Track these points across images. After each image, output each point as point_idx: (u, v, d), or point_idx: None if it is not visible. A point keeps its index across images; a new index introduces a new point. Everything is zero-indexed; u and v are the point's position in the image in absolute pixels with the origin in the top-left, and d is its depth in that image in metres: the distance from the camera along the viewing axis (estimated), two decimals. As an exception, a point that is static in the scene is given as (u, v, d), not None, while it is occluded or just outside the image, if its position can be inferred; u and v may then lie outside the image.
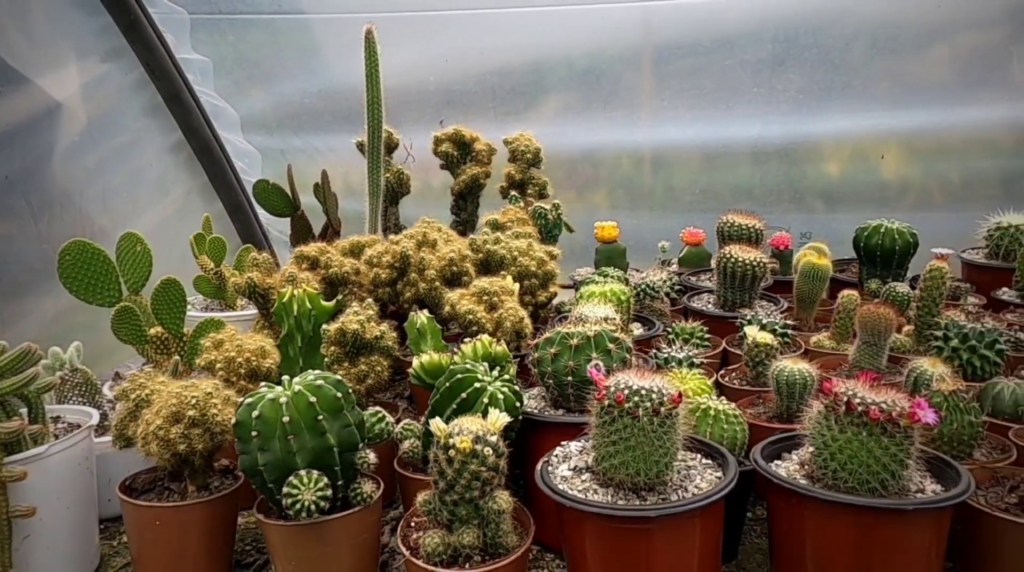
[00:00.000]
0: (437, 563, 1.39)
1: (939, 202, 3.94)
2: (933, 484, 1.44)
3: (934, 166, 3.79)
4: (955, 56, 3.56)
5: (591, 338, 1.81)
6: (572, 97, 3.88)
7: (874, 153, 3.95)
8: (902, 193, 3.96)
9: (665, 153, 3.93)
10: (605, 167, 4.03)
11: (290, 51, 3.47)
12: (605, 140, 3.95)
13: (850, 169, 3.90)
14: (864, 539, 1.34)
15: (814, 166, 3.90)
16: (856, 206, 3.93)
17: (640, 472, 1.39)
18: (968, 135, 3.67)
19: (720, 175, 3.92)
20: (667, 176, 4.00)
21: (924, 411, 1.34)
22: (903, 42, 3.55)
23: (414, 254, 2.53)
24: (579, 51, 3.77)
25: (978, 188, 3.76)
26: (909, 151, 3.81)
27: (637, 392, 1.38)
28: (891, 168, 3.92)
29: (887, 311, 2.22)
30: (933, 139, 3.71)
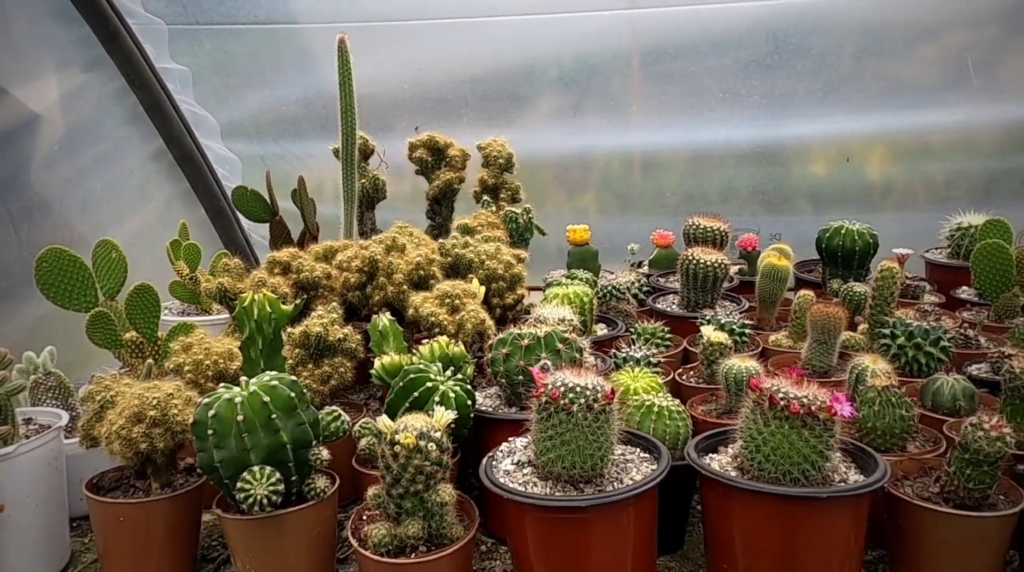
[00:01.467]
0: (383, 553, 1.46)
1: (922, 202, 4.01)
2: (856, 474, 1.52)
3: (918, 167, 3.84)
4: (942, 57, 3.61)
5: (541, 339, 1.88)
6: (561, 101, 3.93)
7: (858, 154, 4.03)
8: (886, 193, 4.04)
9: (654, 156, 3.99)
10: (595, 170, 4.08)
11: (267, 60, 3.54)
12: (595, 143, 4.00)
13: (836, 170, 3.95)
14: (786, 526, 1.41)
15: (800, 167, 3.95)
16: (841, 207, 4.00)
17: (576, 465, 1.47)
18: (953, 136, 3.73)
19: (707, 177, 3.98)
20: (656, 178, 4.05)
21: (841, 405, 1.41)
22: (890, 43, 3.61)
23: (382, 259, 2.60)
24: (569, 56, 3.82)
25: (961, 188, 3.81)
26: (894, 152, 3.86)
27: (572, 389, 1.46)
28: (876, 169, 3.98)
29: (836, 310, 2.30)
30: (918, 140, 3.77)
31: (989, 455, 1.49)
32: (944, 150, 3.77)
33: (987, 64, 3.59)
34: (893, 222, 3.62)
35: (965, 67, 3.58)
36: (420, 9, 3.61)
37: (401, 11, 3.60)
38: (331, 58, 3.05)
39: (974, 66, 3.56)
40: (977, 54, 3.56)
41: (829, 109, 3.74)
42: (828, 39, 3.63)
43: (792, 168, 3.94)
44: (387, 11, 3.59)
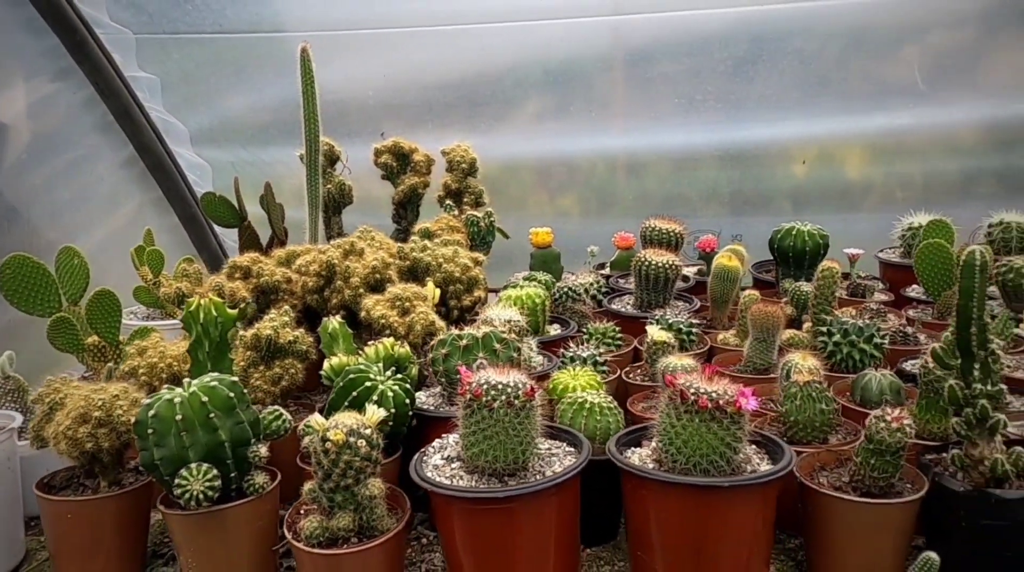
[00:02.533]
0: (315, 544, 1.53)
1: (900, 202, 4.09)
2: (769, 464, 1.59)
3: (899, 166, 3.90)
4: (923, 58, 3.67)
5: (479, 339, 1.96)
6: (545, 105, 3.98)
7: (838, 154, 4.10)
8: (865, 193, 4.11)
9: (636, 158, 4.05)
10: (578, 173, 4.13)
11: (234, 68, 3.61)
12: (578, 147, 4.05)
13: (815, 171, 4.00)
14: (695, 515, 1.49)
15: (782, 168, 4.01)
16: (820, 207, 4.08)
17: (499, 459, 1.54)
18: (933, 135, 3.79)
19: (689, 179, 4.04)
20: (638, 181, 4.11)
21: (747, 399, 1.49)
22: (873, 45, 3.68)
23: (339, 263, 2.67)
24: (553, 61, 3.87)
25: (939, 187, 3.88)
26: (873, 152, 3.92)
27: (494, 387, 1.53)
28: (855, 168, 4.06)
29: (775, 310, 2.38)
30: (900, 140, 3.83)
31: (890, 445, 1.57)
32: (923, 149, 3.84)
33: (967, 65, 3.66)
34: (871, 221, 3.64)
35: (951, 67, 3.68)
36: (411, 16, 3.68)
37: (391, 18, 3.68)
38: (296, 66, 3.13)
39: (956, 67, 3.63)
40: (957, 55, 3.63)
41: (811, 110, 3.80)
42: (812, 41, 3.69)
43: (774, 169, 4.00)
44: (367, 18, 3.68)
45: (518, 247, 3.57)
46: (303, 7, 3.46)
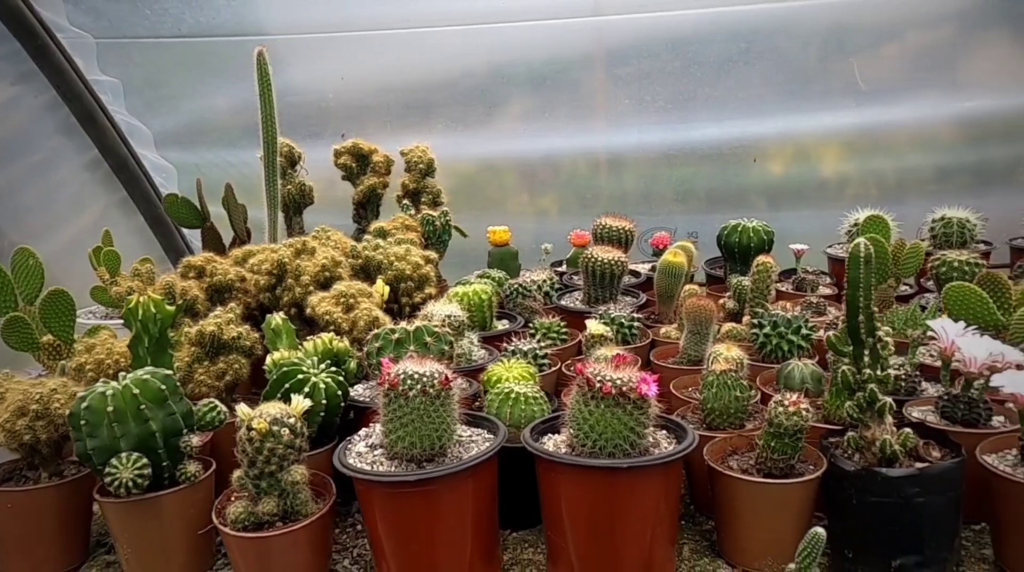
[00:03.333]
0: (240, 528, 1.61)
1: (876, 197, 4.18)
2: (676, 446, 1.68)
3: (875, 163, 3.98)
4: (903, 56, 3.76)
5: (411, 333, 2.03)
6: (529, 105, 4.04)
7: (815, 152, 4.17)
8: (841, 189, 4.20)
9: (618, 157, 4.12)
10: (560, 171, 4.19)
11: (196, 71, 3.67)
12: (560, 145, 4.11)
13: (793, 168, 4.07)
14: (599, 496, 1.57)
15: (759, 166, 4.07)
16: (796, 204, 4.17)
17: (415, 445, 1.62)
18: (909, 132, 3.87)
19: (667, 176, 4.10)
20: (618, 179, 4.18)
21: (647, 385, 1.57)
22: (854, 44, 3.75)
23: (290, 262, 2.74)
24: (537, 61, 3.94)
25: (914, 183, 3.98)
26: (850, 149, 3.99)
27: (411, 376, 1.61)
28: (832, 165, 4.13)
29: (707, 303, 2.47)
30: (876, 137, 3.91)
31: (788, 429, 1.66)
32: (898, 146, 3.93)
33: (945, 62, 3.76)
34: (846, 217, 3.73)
35: (930, 64, 3.76)
36: (398, 19, 3.75)
37: (375, 20, 3.76)
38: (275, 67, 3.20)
39: (933, 66, 3.73)
40: (934, 53, 3.73)
41: (791, 108, 3.87)
42: (792, 41, 3.76)
43: (750, 166, 4.06)
44: (336, 22, 3.75)
45: (487, 245, 3.64)
46: (263, 12, 3.53)
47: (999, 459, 1.68)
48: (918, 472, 1.55)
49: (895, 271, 2.91)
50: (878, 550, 1.59)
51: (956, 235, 3.44)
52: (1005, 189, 3.89)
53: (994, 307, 2.10)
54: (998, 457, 1.69)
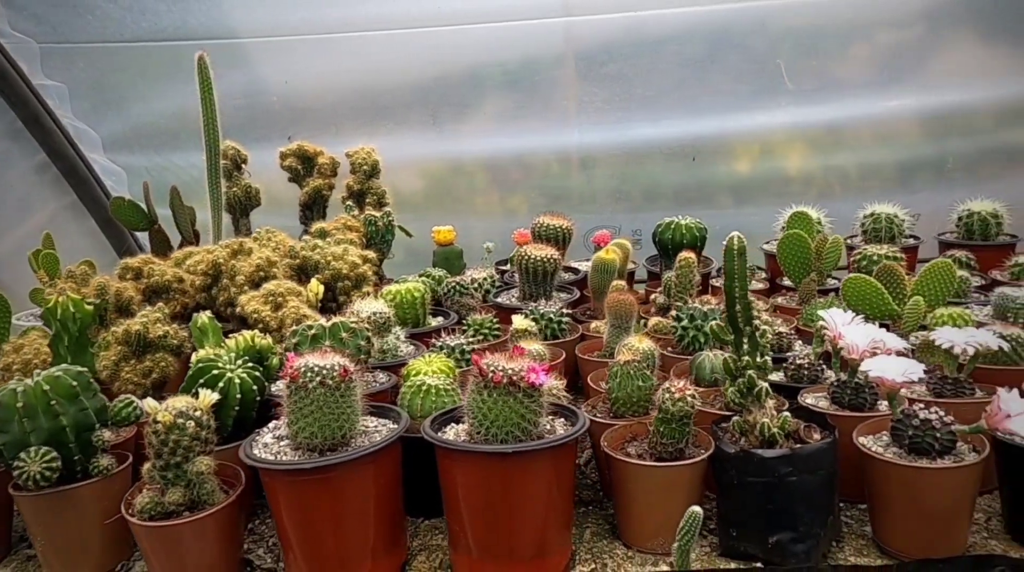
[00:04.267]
0: (147, 518, 1.67)
1: (839, 193, 4.27)
2: (564, 432, 1.75)
3: (840, 159, 4.08)
4: (872, 55, 3.86)
5: (327, 329, 2.10)
6: (501, 105, 4.10)
7: (781, 150, 4.25)
8: (807, 186, 4.29)
9: (588, 156, 4.18)
10: (532, 171, 4.25)
11: (141, 75, 3.71)
12: (532, 145, 4.17)
13: (759, 165, 4.15)
14: (491, 479, 1.64)
15: (726, 163, 4.15)
16: (762, 200, 4.25)
17: (315, 435, 1.68)
18: (875, 129, 3.97)
19: (636, 176, 4.18)
20: (588, 178, 4.23)
21: (536, 375, 1.65)
22: (824, 43, 3.84)
23: (226, 262, 2.79)
24: (511, 62, 3.99)
25: (876, 178, 4.08)
26: (815, 146, 4.08)
27: (311, 369, 1.67)
28: (798, 162, 4.22)
29: (627, 298, 2.55)
30: (843, 134, 4.01)
31: (674, 414, 1.74)
32: (864, 142, 4.03)
33: (914, 60, 3.85)
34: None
35: (891, 64, 3.85)
36: (371, 21, 3.82)
37: (349, 23, 3.83)
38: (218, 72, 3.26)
39: (902, 64, 3.83)
40: (902, 52, 3.83)
41: (761, 106, 3.95)
42: (764, 40, 3.84)
43: (717, 165, 4.15)
44: (330, 23, 3.82)
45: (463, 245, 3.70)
46: (210, 16, 3.58)
47: (874, 441, 1.78)
48: (790, 453, 1.64)
49: (818, 265, 3.01)
50: (757, 527, 1.67)
51: (885, 230, 3.56)
52: (967, 184, 4.02)
53: (889, 298, 2.20)
54: (874, 439, 1.79)
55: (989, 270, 3.34)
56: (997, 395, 1.59)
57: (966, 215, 3.53)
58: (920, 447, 1.65)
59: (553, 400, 1.96)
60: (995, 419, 1.57)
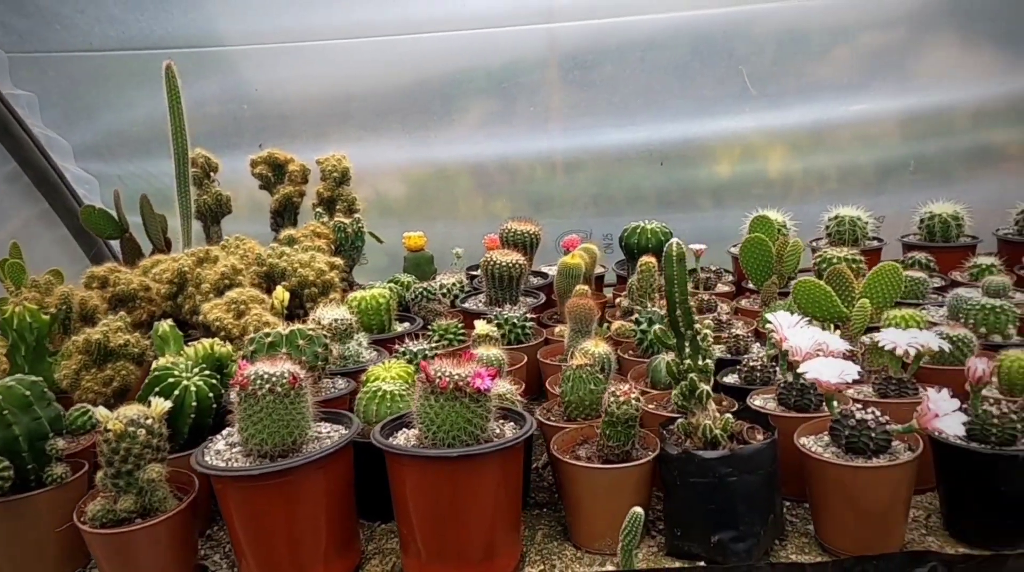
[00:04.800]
0: (98, 525, 1.69)
1: (818, 194, 4.32)
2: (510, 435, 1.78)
3: (822, 160, 4.14)
4: (855, 57, 3.92)
5: (284, 336, 2.12)
6: (485, 110, 4.15)
7: (762, 152, 4.30)
8: (788, 187, 4.34)
9: (571, 160, 4.23)
10: (517, 175, 4.29)
11: (112, 84, 3.73)
12: (515, 149, 4.21)
13: (740, 167, 4.20)
14: (438, 483, 1.67)
15: (707, 166, 4.21)
16: (743, 202, 4.28)
17: (266, 442, 1.71)
18: (857, 130, 4.03)
19: (619, 179, 4.23)
20: (571, 182, 4.27)
21: (482, 380, 1.68)
22: (807, 46, 3.91)
23: (191, 270, 2.81)
24: (494, 67, 4.04)
25: (855, 179, 4.14)
26: (797, 148, 4.14)
27: (260, 376, 1.70)
28: (779, 164, 4.27)
29: (587, 302, 2.59)
30: (825, 135, 4.07)
31: (619, 417, 1.78)
32: (845, 144, 4.08)
33: (896, 61, 3.93)
34: (790, 215, 3.83)
35: (870, 66, 3.92)
36: (356, 28, 3.88)
37: (338, 30, 3.89)
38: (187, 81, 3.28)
39: (884, 66, 3.90)
40: (884, 54, 3.90)
41: (745, 109, 4.00)
42: (747, 44, 3.90)
43: (698, 168, 4.21)
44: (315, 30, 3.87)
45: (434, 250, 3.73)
46: (178, 25, 3.60)
47: (815, 441, 1.82)
48: (730, 454, 1.68)
49: (779, 268, 3.05)
50: (700, 527, 1.71)
51: (848, 233, 3.62)
52: (943, 185, 4.09)
53: (837, 300, 2.25)
54: (815, 439, 1.83)
55: (949, 271, 3.41)
56: (927, 395, 1.63)
57: (927, 217, 3.60)
58: (856, 446, 1.70)
59: (507, 404, 2.00)
60: (925, 419, 1.61)
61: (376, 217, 4.48)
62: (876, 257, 3.68)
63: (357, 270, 3.86)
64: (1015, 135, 4.11)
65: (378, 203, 4.49)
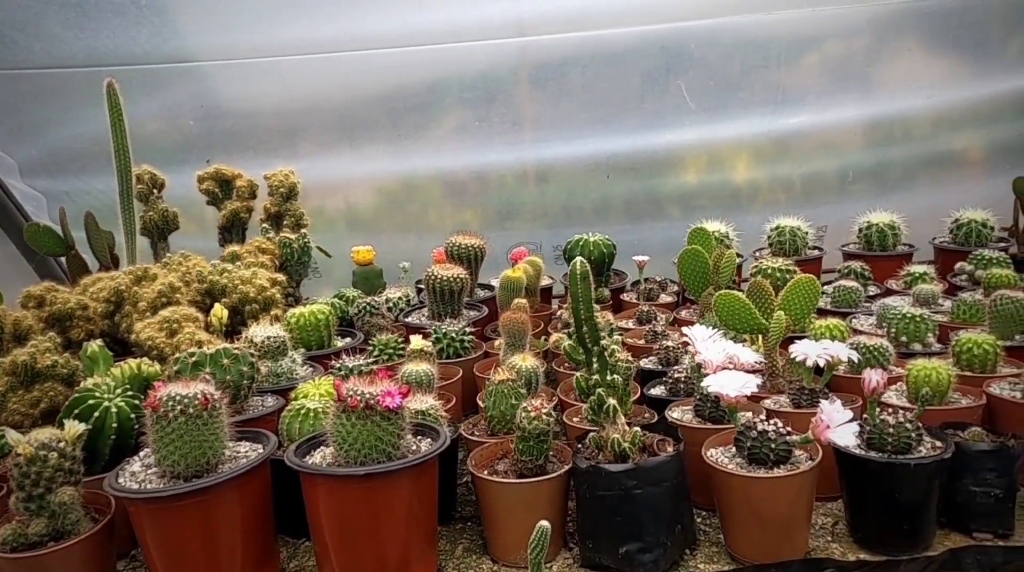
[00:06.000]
0: (9, 549, 1.69)
1: (784, 202, 4.39)
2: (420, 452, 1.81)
3: (786, 168, 4.24)
4: (822, 66, 4.03)
5: (209, 356, 2.14)
6: (459, 122, 4.20)
7: (729, 160, 4.35)
8: (753, 195, 4.40)
9: (542, 171, 4.29)
10: (488, 185, 4.33)
11: (55, 102, 3.71)
12: (487, 160, 4.25)
13: (707, 176, 4.28)
14: (348, 501, 1.70)
15: (674, 175, 4.27)
16: (710, 211, 4.34)
17: (178, 463, 1.72)
18: (820, 138, 4.14)
19: (588, 189, 4.28)
20: (540, 193, 4.33)
21: (391, 398, 1.71)
22: (775, 55, 4.00)
23: (128, 289, 2.81)
24: (468, 78, 4.10)
25: (819, 186, 4.25)
26: (762, 156, 4.23)
27: (172, 398, 1.72)
28: (744, 172, 4.33)
29: (521, 316, 2.63)
30: (790, 143, 4.18)
31: (531, 432, 1.82)
32: (808, 152, 4.19)
33: (860, 70, 4.03)
34: (756, 223, 3.88)
35: (836, 76, 4.02)
36: (332, 42, 3.91)
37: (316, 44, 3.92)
38: (128, 99, 3.29)
39: (847, 75, 4.00)
40: (852, 61, 4.02)
41: (713, 119, 4.08)
42: (716, 54, 3.98)
43: (666, 177, 4.27)
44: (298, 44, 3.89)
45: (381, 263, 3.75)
46: (119, 43, 3.60)
47: (723, 452, 1.87)
48: (634, 467, 1.72)
49: (715, 279, 3.11)
50: (609, 539, 1.75)
51: (789, 243, 3.71)
52: (904, 191, 4.20)
53: (756, 313, 2.30)
54: (723, 450, 1.88)
55: (886, 280, 3.50)
56: (821, 407, 1.69)
57: (865, 227, 3.69)
58: (757, 457, 1.75)
59: (430, 420, 2.03)
60: (818, 430, 1.67)
61: (344, 229, 4.51)
62: (817, 266, 3.77)
63: (317, 284, 3.88)
64: (974, 141, 4.23)
65: (348, 214, 4.51)
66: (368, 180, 4.41)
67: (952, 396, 2.12)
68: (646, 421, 2.12)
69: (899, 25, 4.04)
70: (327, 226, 4.47)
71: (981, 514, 1.78)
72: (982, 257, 3.30)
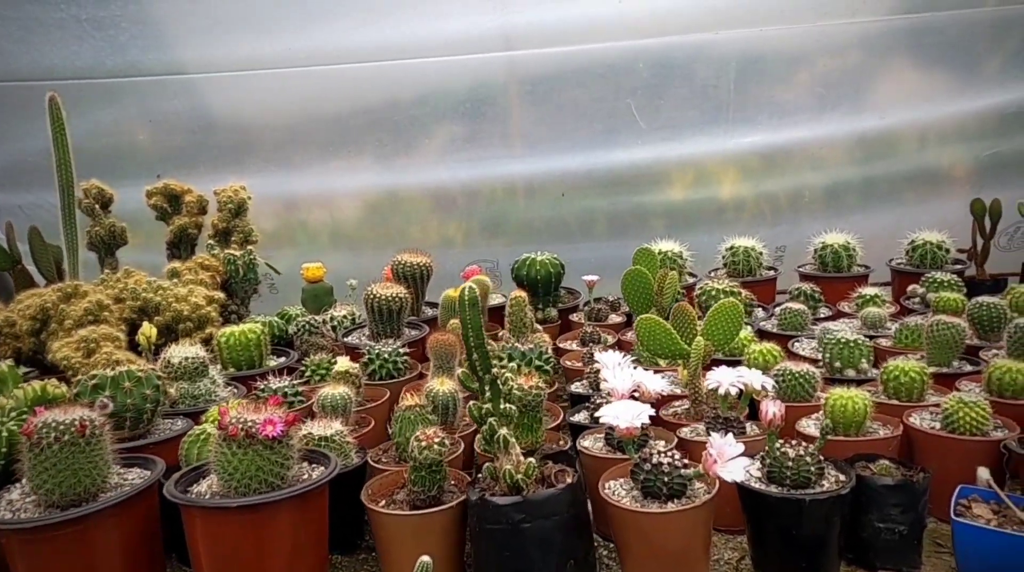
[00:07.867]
0: None
1: (769, 217, 4.35)
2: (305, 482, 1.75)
3: (772, 184, 4.22)
4: (812, 82, 4.01)
5: (111, 378, 2.09)
6: (448, 136, 4.19)
7: (716, 176, 4.31)
8: (739, 211, 4.36)
9: (530, 185, 4.26)
10: (479, 199, 4.32)
11: (8, 115, 3.69)
12: (473, 175, 4.23)
13: (693, 192, 4.25)
14: (226, 532, 1.64)
15: (659, 190, 4.24)
16: (695, 226, 4.30)
17: (54, 492, 1.67)
18: (808, 153, 4.12)
19: (573, 204, 4.26)
20: (526, 208, 4.31)
21: (272, 426, 1.66)
22: (767, 71, 4.00)
23: (54, 306, 2.77)
24: (458, 92, 4.09)
25: (806, 200, 4.20)
26: (748, 171, 4.20)
27: (48, 425, 1.67)
28: (730, 187, 4.30)
29: (449, 338, 2.58)
30: (777, 159, 4.16)
31: (422, 462, 1.76)
32: (799, 168, 4.16)
33: (850, 85, 4.01)
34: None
35: (827, 91, 4.00)
36: (322, 55, 3.92)
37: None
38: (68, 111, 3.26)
39: (838, 90, 3.99)
40: (841, 77, 4.01)
41: (700, 134, 4.07)
42: (708, 69, 3.96)
43: (651, 192, 4.24)
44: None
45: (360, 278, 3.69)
46: (63, 57, 3.59)
47: (623, 484, 1.81)
48: (522, 500, 1.66)
49: (658, 301, 3.06)
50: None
51: (743, 263, 3.66)
52: (891, 207, 4.15)
53: (677, 338, 2.26)
54: (623, 482, 1.82)
55: (839, 301, 3.45)
56: (709, 440, 1.64)
57: (820, 248, 3.65)
58: (651, 490, 1.69)
59: (334, 446, 1.98)
60: (707, 464, 1.61)
61: (326, 242, 4.46)
62: (771, 287, 3.73)
63: (272, 301, 3.84)
64: (959, 156, 4.17)
65: (332, 227, 4.47)
66: (355, 193, 4.37)
67: (871, 426, 2.07)
68: (557, 449, 2.06)
69: (888, 44, 4.01)
70: (309, 240, 4.45)
71: (886, 551, 1.72)
72: (934, 280, 3.25)
